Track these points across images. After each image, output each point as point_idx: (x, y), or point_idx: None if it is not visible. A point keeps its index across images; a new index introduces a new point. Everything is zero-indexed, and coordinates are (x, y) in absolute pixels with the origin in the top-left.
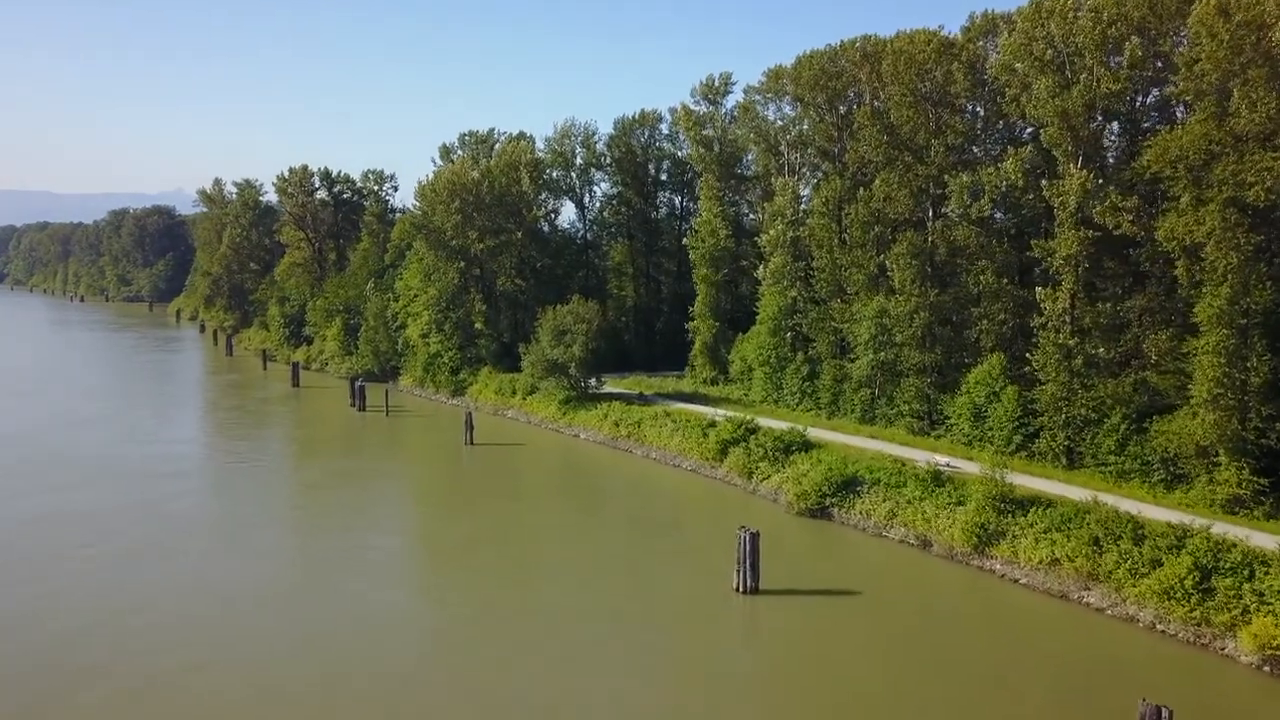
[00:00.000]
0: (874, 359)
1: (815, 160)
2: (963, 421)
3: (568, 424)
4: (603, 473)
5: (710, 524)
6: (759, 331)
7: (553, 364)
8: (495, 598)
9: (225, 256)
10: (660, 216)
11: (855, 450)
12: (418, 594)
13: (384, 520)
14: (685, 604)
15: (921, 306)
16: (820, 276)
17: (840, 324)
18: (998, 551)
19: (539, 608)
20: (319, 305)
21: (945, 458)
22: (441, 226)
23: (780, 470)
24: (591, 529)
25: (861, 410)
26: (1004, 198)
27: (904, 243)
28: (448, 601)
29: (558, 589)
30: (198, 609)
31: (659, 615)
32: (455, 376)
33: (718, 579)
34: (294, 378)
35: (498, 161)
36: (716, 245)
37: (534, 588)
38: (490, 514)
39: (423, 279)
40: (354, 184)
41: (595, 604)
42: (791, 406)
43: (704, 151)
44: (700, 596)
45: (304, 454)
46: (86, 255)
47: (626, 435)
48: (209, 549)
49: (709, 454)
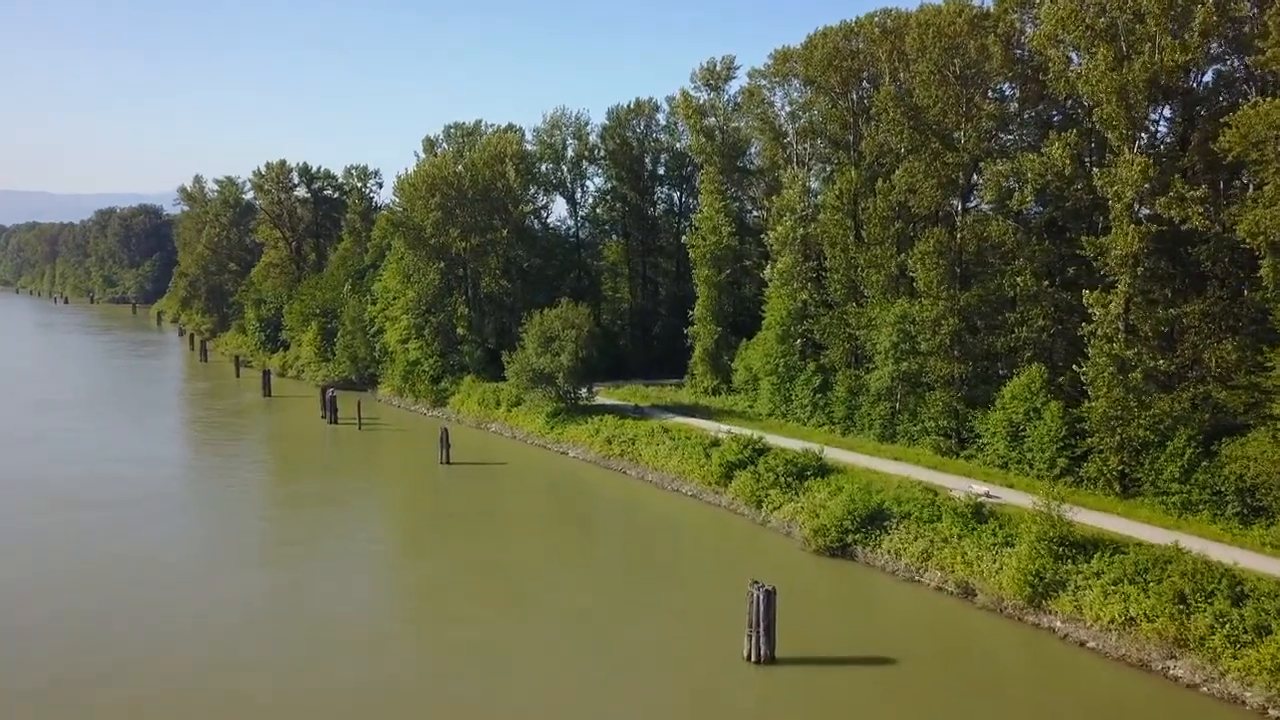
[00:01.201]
0: (895, 369)
1: (827, 151)
2: (997, 441)
3: (555, 440)
4: (592, 499)
5: (715, 566)
6: (765, 338)
7: (539, 374)
8: (450, 668)
9: (202, 256)
10: (658, 213)
11: (878, 475)
12: (359, 664)
13: (333, 563)
14: (686, 676)
15: (949, 311)
16: (833, 277)
17: (856, 330)
18: (1057, 606)
19: (505, 686)
20: (295, 308)
21: (983, 485)
22: (421, 224)
23: (793, 499)
24: (575, 576)
25: (881, 426)
26: (1045, 188)
27: (930, 240)
28: (399, 682)
29: (530, 659)
30: (76, 675)
31: (654, 692)
32: (436, 386)
33: (725, 641)
34: (265, 386)
35: (481, 154)
36: (718, 243)
37: (501, 654)
38: (458, 555)
39: (401, 280)
40: (335, 180)
41: (576, 682)
42: (802, 421)
43: (705, 141)
44: (705, 666)
45: (259, 476)
46: (73, 256)
47: (620, 454)
48: (98, 609)
49: (712, 478)
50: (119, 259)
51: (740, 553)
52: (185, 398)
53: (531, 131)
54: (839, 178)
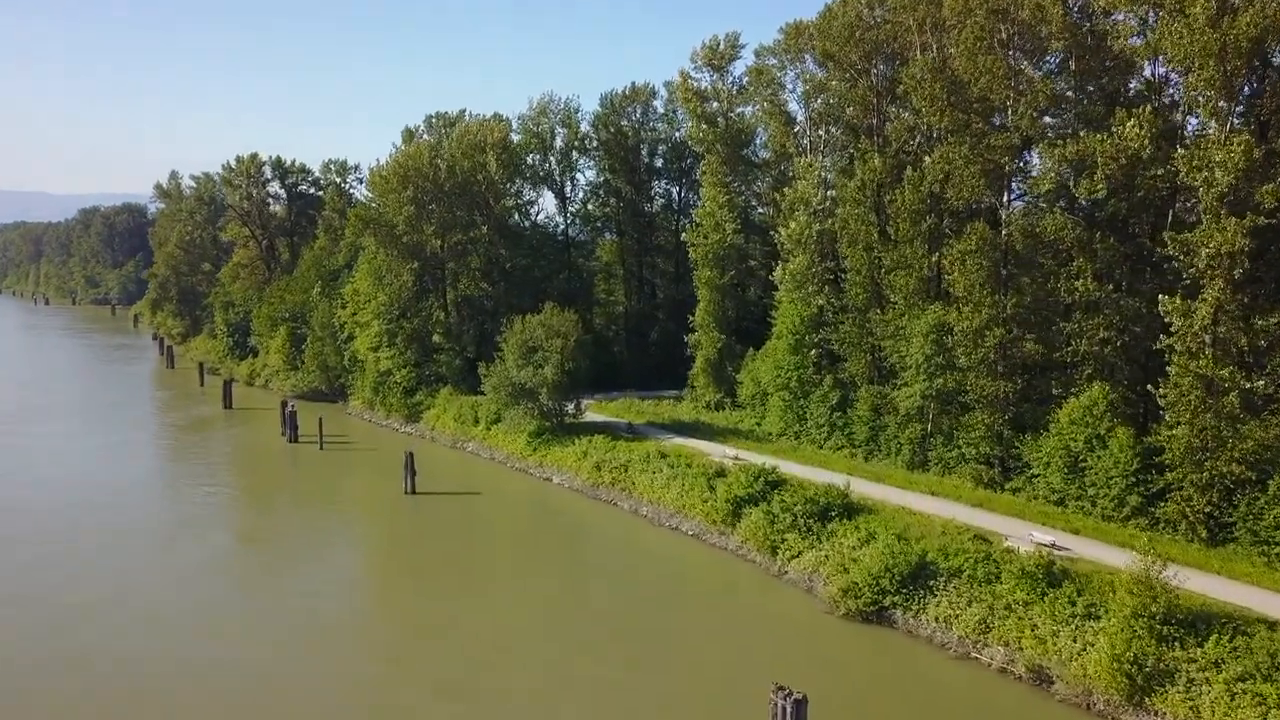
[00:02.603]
0: (928, 386)
1: (844, 138)
2: (1052, 473)
3: (538, 463)
4: (577, 540)
5: (723, 637)
6: (776, 348)
7: (519, 389)
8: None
9: (173, 256)
10: (655, 209)
11: (914, 515)
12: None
13: (257, 636)
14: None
15: (994, 319)
16: (854, 280)
17: (881, 340)
18: (1166, 705)
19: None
20: (263, 312)
21: (1045, 532)
22: (393, 220)
23: (815, 545)
24: (551, 654)
25: (910, 452)
26: (1113, 175)
27: (973, 236)
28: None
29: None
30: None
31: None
32: (409, 399)
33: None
34: (225, 398)
35: (459, 143)
36: (721, 241)
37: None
38: (410, 621)
39: (373, 282)
40: (309, 174)
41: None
42: (818, 443)
43: (706, 129)
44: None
45: (195, 506)
46: (57, 256)
47: (610, 482)
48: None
49: (717, 515)
50: (102, 259)
51: (754, 616)
52: (138, 410)
53: (516, 119)
54: (860, 167)
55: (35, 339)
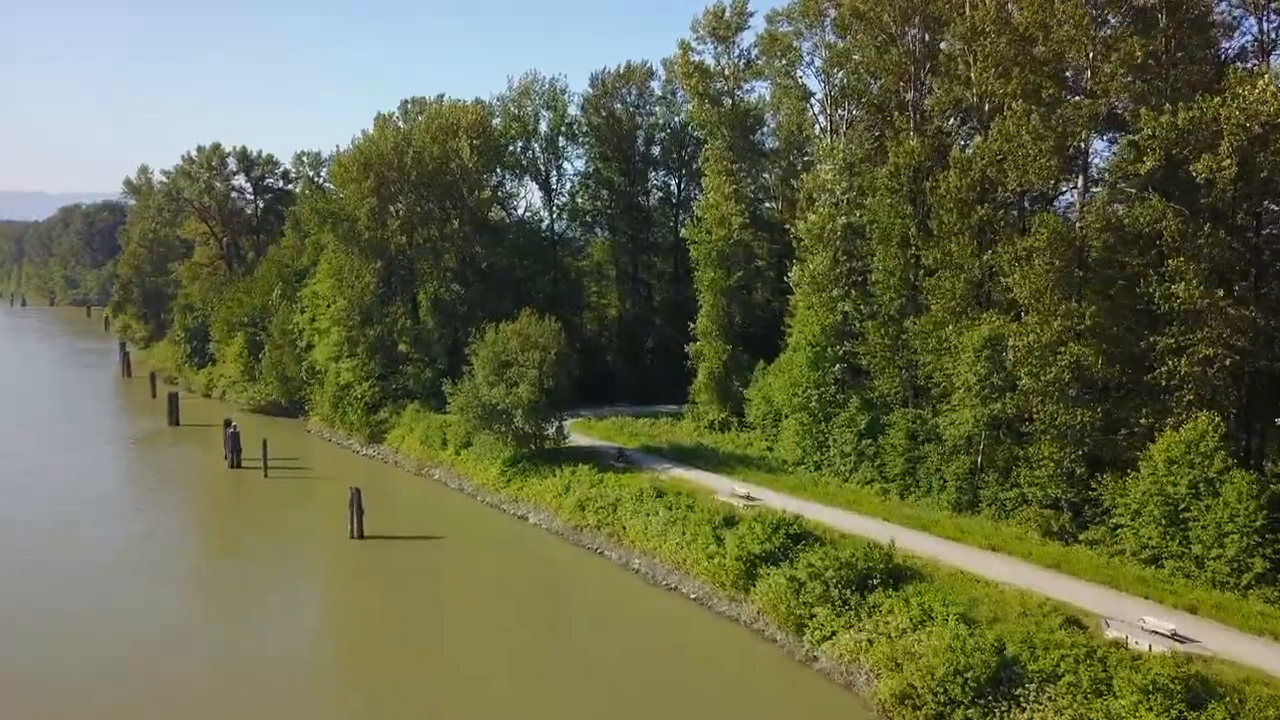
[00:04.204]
0: (982, 412)
1: (870, 117)
2: (1144, 525)
3: (513, 497)
4: (551, 603)
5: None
6: (792, 362)
7: (490, 410)
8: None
9: (135, 255)
10: (652, 203)
11: (979, 584)
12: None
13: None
14: None
15: (1068, 332)
16: (886, 283)
17: (919, 355)
18: None
19: None
20: (219, 316)
21: (1164, 617)
22: (353, 213)
23: (854, 624)
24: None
25: (957, 490)
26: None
27: (1043, 230)
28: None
29: None
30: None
31: None
32: (372, 417)
33: None
34: (171, 413)
35: (428, 126)
36: (727, 238)
37: None
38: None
39: (333, 284)
40: (277, 166)
41: None
42: (842, 475)
43: (710, 108)
44: None
45: (99, 555)
46: (39, 255)
47: (596, 525)
48: None
49: (726, 576)
50: (82, 258)
51: (775, 719)
52: (76, 426)
53: (495, 100)
54: (893, 149)
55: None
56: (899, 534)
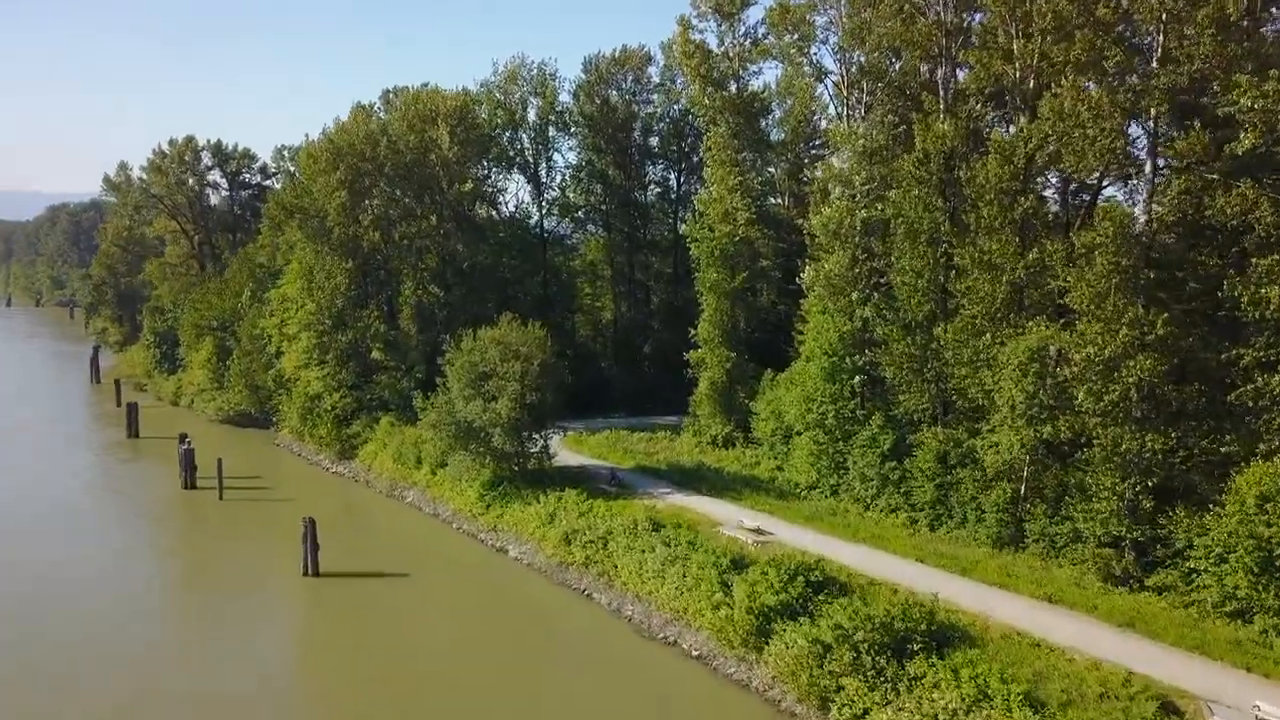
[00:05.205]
0: (1030, 434)
1: (892, 100)
2: (1230, 572)
3: (491, 526)
4: (534, 655)
5: None
6: (805, 373)
7: (466, 428)
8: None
9: (109, 254)
10: (649, 199)
11: (1041, 650)
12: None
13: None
14: None
15: (1136, 343)
16: (913, 285)
17: (952, 367)
18: None
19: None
20: (188, 320)
21: (1274, 701)
22: (322, 208)
23: (892, 699)
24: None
25: (998, 523)
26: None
27: (1107, 223)
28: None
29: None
30: None
31: None
32: (343, 430)
33: None
34: (130, 425)
35: (404, 113)
36: (731, 235)
37: None
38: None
39: (303, 286)
40: (255, 161)
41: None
42: (863, 502)
43: (712, 92)
44: None
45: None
46: (26, 255)
47: (584, 562)
48: None
49: (735, 632)
50: (69, 258)
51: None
52: (30, 435)
53: (480, 87)
54: (921, 134)
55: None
56: (936, 579)
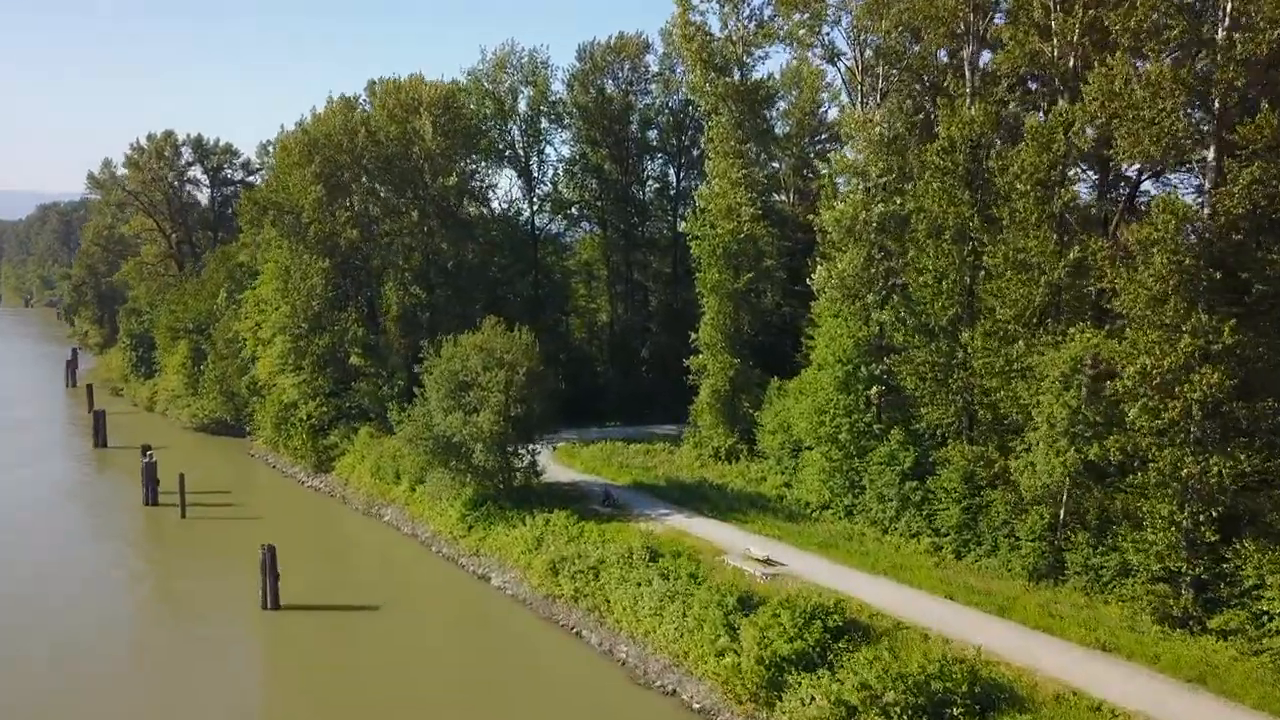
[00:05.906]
0: (1074, 457)
1: (910, 85)
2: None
3: (473, 550)
4: (515, 706)
5: None
6: (816, 382)
7: (445, 442)
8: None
9: (88, 254)
10: (647, 195)
11: (1101, 711)
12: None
13: None
14: None
15: (1199, 354)
16: (936, 287)
17: (982, 378)
18: None
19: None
20: (163, 322)
21: None
22: (297, 204)
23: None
24: None
25: (1035, 553)
26: None
27: (1166, 217)
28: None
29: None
30: None
31: None
32: (320, 440)
33: None
34: (97, 433)
35: (384, 102)
36: (735, 232)
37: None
38: None
39: (278, 288)
40: (237, 156)
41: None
42: (881, 525)
43: (714, 79)
44: None
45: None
46: (17, 255)
47: (573, 595)
48: None
49: (743, 684)
50: (59, 258)
51: None
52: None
53: (467, 76)
54: (946, 119)
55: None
56: (970, 620)
